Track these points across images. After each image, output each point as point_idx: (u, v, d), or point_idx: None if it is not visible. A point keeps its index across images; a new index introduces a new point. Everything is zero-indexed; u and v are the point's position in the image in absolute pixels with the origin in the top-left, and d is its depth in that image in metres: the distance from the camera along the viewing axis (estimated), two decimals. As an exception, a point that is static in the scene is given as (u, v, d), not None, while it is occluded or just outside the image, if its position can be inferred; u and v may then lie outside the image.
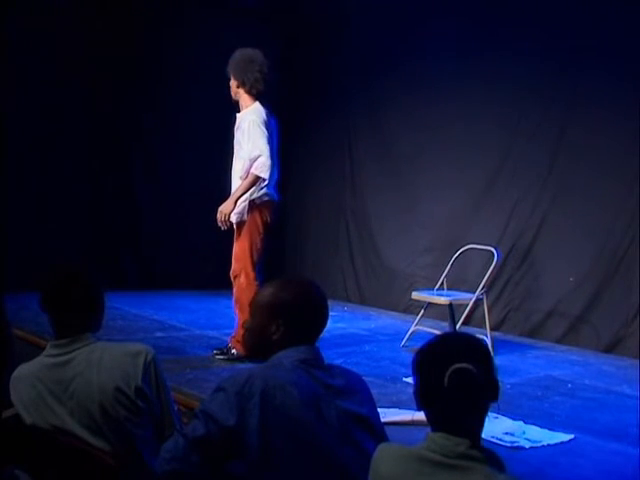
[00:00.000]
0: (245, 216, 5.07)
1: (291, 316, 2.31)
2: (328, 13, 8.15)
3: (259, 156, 4.94)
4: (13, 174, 7.14)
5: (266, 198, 5.08)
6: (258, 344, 2.34)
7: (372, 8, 7.70)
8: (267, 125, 5.04)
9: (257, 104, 5.13)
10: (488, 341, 5.53)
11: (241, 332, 3.22)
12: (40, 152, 7.38)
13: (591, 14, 6.13)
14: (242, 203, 5.06)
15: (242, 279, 5.04)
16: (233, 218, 5.06)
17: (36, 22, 7.17)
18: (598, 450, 3.81)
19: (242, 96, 5.17)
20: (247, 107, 5.14)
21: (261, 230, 5.07)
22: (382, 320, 7.11)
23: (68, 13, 7.30)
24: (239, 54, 5.21)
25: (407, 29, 7.47)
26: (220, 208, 5.00)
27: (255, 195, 5.04)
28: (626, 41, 5.91)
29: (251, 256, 5.05)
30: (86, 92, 7.57)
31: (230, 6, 8.00)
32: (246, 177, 4.99)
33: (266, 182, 4.99)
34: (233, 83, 5.20)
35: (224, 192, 5.13)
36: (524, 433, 3.90)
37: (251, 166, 4.97)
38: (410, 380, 2.11)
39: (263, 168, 4.94)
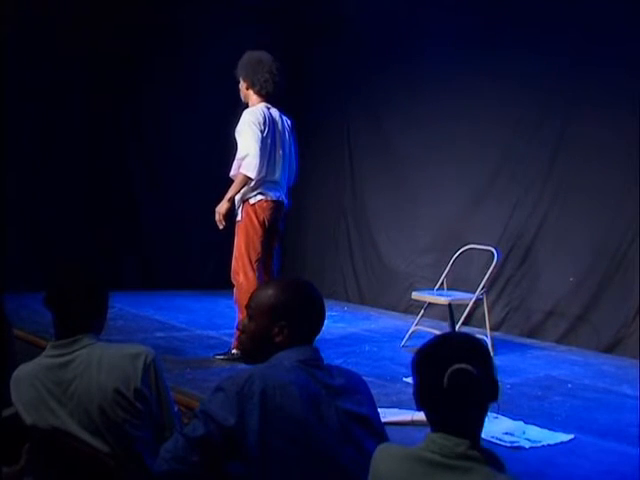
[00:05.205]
0: (240, 216, 5.09)
1: (293, 317, 2.31)
2: (327, 12, 8.15)
3: (246, 155, 4.97)
4: (12, 174, 7.14)
5: (260, 197, 5.08)
6: (259, 347, 2.33)
7: (372, 6, 7.69)
8: (266, 125, 5.05)
9: (260, 105, 5.15)
10: (488, 341, 5.53)
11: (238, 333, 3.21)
12: (39, 152, 7.39)
13: (592, 12, 6.12)
14: (239, 203, 5.09)
15: (241, 279, 5.05)
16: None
17: (36, 20, 7.17)
18: (598, 450, 3.81)
19: (251, 97, 5.20)
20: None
21: (259, 230, 5.07)
22: (382, 320, 7.11)
23: (69, 9, 7.29)
24: (248, 56, 5.23)
25: (406, 27, 7.48)
26: (216, 208, 5.05)
27: (248, 195, 5.06)
28: (627, 40, 5.91)
29: (248, 256, 5.05)
30: (86, 91, 7.57)
31: (230, 4, 8.00)
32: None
33: (254, 182, 5.00)
34: (243, 85, 5.22)
35: (224, 192, 5.13)
36: (524, 433, 3.90)
37: (240, 166, 5.01)
38: (410, 380, 2.10)
39: (250, 167, 4.97)
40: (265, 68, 5.13)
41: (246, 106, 5.23)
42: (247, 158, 4.98)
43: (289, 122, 5.29)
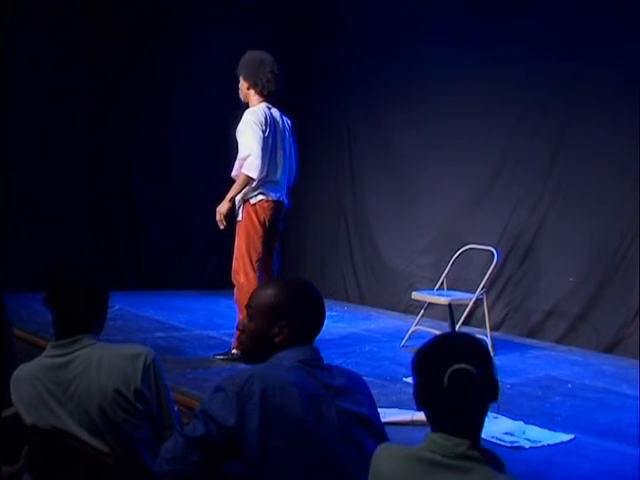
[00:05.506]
0: (240, 216, 5.09)
1: (293, 317, 2.31)
2: (327, 12, 8.15)
3: (248, 156, 4.97)
4: (13, 174, 7.14)
5: (261, 197, 5.07)
6: (259, 347, 2.33)
7: (371, 5, 7.69)
8: (267, 125, 5.04)
9: (261, 105, 5.13)
10: (488, 341, 5.53)
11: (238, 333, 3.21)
12: (40, 152, 7.38)
13: (591, 12, 6.12)
14: (239, 203, 5.08)
15: (242, 279, 5.05)
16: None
17: (36, 20, 7.17)
18: (598, 450, 3.81)
19: (251, 97, 5.19)
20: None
21: (259, 230, 5.07)
22: (382, 320, 7.11)
23: (69, 9, 7.29)
24: (249, 56, 5.21)
25: (406, 27, 7.48)
26: (217, 208, 5.04)
27: (249, 195, 5.05)
28: (627, 40, 5.91)
29: (249, 256, 5.05)
30: (85, 92, 7.57)
31: (230, 4, 8.00)
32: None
33: (255, 182, 5.00)
34: (243, 85, 5.21)
35: (224, 192, 5.13)
36: (524, 433, 3.89)
37: (241, 166, 5.01)
38: (410, 380, 2.10)
39: (252, 167, 4.96)
40: (267, 68, 5.13)
41: (246, 106, 5.22)
42: (249, 158, 4.98)
43: (289, 122, 5.29)
